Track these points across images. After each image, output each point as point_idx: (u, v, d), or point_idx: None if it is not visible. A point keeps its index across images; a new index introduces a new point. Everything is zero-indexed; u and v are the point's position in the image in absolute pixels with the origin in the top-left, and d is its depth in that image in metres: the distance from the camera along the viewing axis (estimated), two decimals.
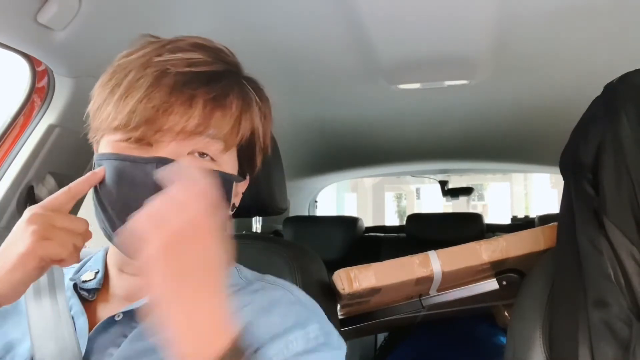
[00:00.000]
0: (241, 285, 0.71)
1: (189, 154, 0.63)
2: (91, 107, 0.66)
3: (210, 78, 0.63)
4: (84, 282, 0.70)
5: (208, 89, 0.62)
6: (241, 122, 0.65)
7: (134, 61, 0.64)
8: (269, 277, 0.74)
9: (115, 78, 0.63)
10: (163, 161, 0.60)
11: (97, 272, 0.70)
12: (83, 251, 0.62)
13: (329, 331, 0.67)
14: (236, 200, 0.74)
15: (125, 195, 0.61)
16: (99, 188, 0.63)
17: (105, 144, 0.64)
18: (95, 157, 0.66)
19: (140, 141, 0.62)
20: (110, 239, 0.65)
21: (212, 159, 0.65)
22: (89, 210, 0.72)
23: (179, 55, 0.63)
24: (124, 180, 0.61)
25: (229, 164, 0.68)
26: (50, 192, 0.98)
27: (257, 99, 0.70)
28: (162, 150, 0.61)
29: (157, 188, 0.59)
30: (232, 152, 0.68)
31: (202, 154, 0.64)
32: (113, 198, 0.62)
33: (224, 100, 0.64)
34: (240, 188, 0.74)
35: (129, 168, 0.61)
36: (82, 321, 0.65)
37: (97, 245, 0.76)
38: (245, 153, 0.71)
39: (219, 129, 0.63)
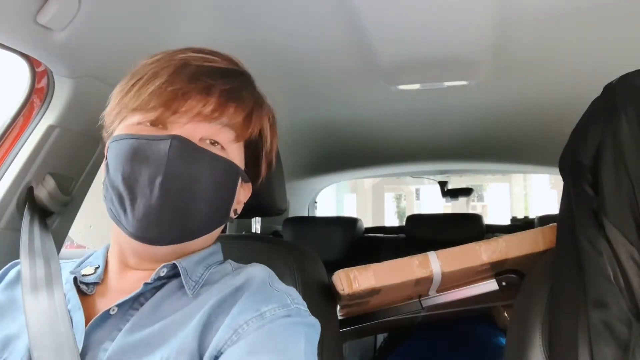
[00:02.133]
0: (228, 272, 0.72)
1: (201, 139, 0.66)
2: (110, 104, 0.69)
3: (227, 73, 0.68)
4: (84, 275, 0.70)
5: (225, 81, 0.67)
6: (253, 117, 0.69)
7: (157, 60, 0.68)
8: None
9: (138, 75, 0.67)
10: (177, 138, 0.63)
11: (97, 268, 0.71)
12: (82, 252, 0.63)
13: (293, 308, 0.64)
14: (238, 207, 0.76)
15: (137, 172, 0.63)
16: (112, 167, 0.65)
17: (121, 128, 0.67)
18: (110, 139, 0.68)
19: (157, 123, 0.65)
20: (116, 218, 0.66)
21: (223, 148, 0.68)
22: (89, 213, 0.73)
23: (200, 54, 0.68)
24: (138, 157, 0.63)
25: (237, 156, 0.70)
26: (50, 193, 0.98)
27: (267, 104, 0.74)
28: (177, 130, 0.64)
29: (168, 164, 0.62)
30: (240, 148, 0.71)
31: (213, 142, 0.67)
32: (126, 174, 0.63)
33: (239, 93, 0.68)
34: (242, 196, 0.76)
35: (145, 146, 0.63)
36: (79, 315, 0.65)
37: (97, 246, 0.77)
38: (252, 154, 0.74)
39: (232, 118, 0.67)
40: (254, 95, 0.71)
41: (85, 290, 0.69)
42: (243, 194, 0.75)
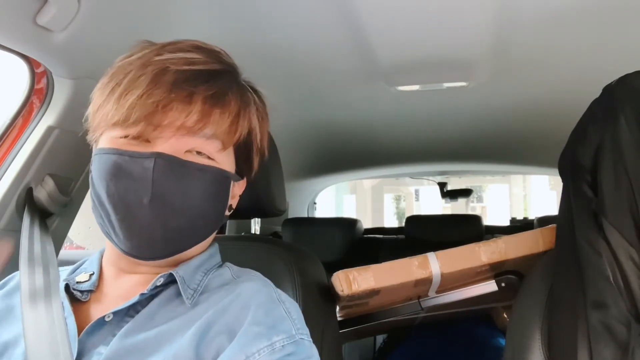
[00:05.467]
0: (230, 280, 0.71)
1: (186, 151, 0.64)
2: (91, 108, 0.67)
3: (210, 76, 0.64)
4: (78, 282, 0.69)
5: (208, 86, 0.63)
6: (239, 120, 0.66)
7: (134, 62, 0.65)
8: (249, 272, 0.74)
9: (116, 78, 0.64)
10: (162, 156, 0.61)
11: (92, 274, 0.70)
12: (81, 253, 0.62)
13: (298, 340, 0.63)
14: (233, 202, 0.74)
15: (123, 190, 0.61)
16: (97, 182, 0.64)
17: (105, 140, 0.65)
18: (94, 152, 0.67)
19: (139, 138, 0.62)
20: (107, 233, 0.66)
21: (210, 158, 0.66)
22: (88, 213, 0.72)
23: (179, 54, 0.64)
24: (122, 174, 0.62)
25: (226, 162, 0.69)
26: (49, 194, 0.98)
27: (256, 99, 0.71)
28: (161, 146, 0.62)
29: (154, 183, 0.60)
30: (230, 152, 0.69)
31: (199, 152, 0.65)
32: (111, 192, 0.62)
33: (223, 97, 0.65)
34: (237, 190, 0.74)
35: (128, 163, 0.62)
36: (70, 322, 0.65)
37: (96, 247, 0.77)
38: (242, 153, 0.72)
39: (217, 127, 0.64)
40: (240, 94, 0.67)
41: (79, 297, 0.68)
42: (238, 187, 0.74)
